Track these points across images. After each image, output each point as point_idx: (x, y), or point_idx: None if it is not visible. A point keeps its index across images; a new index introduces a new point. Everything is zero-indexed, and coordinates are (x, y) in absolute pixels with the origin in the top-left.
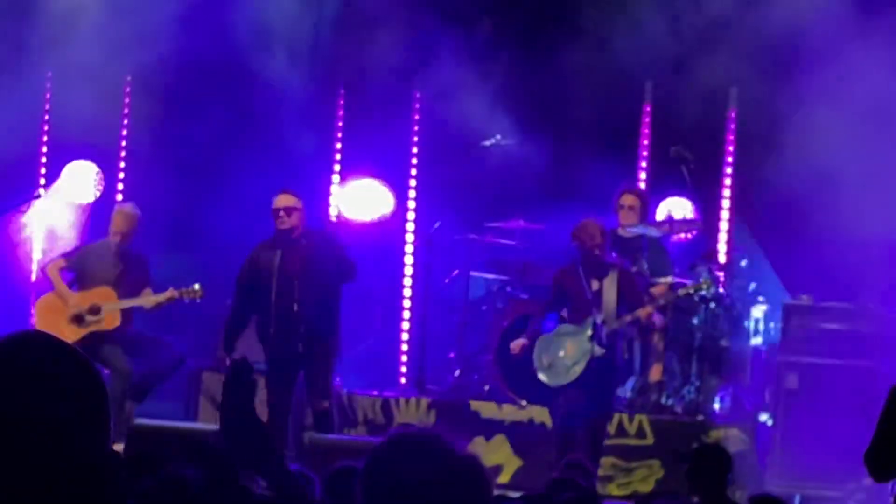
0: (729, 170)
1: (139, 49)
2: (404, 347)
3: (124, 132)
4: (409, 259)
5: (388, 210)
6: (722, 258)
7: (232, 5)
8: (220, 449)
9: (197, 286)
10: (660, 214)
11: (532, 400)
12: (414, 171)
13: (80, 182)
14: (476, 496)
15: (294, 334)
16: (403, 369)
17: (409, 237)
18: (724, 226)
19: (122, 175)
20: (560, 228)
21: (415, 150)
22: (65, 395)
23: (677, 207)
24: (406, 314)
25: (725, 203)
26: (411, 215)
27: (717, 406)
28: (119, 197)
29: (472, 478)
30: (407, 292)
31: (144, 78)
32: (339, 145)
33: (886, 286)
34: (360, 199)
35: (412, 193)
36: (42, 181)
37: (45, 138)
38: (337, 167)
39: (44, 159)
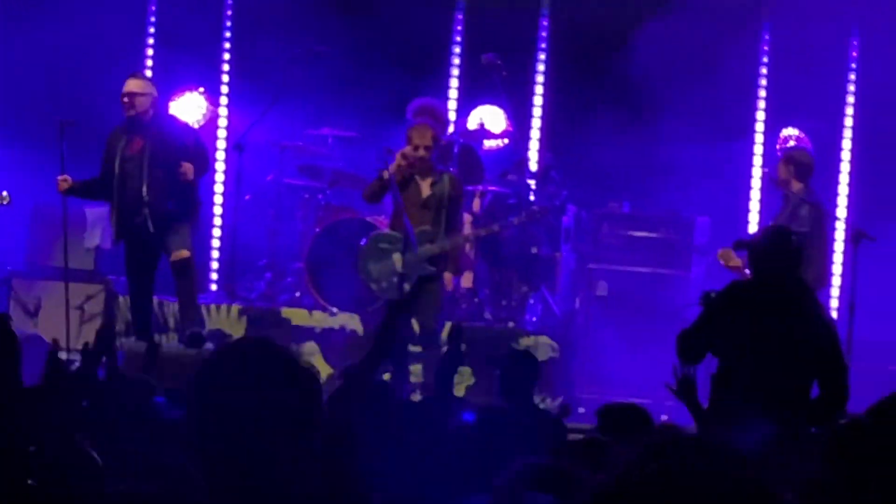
0: (540, 78)
1: None
2: (215, 254)
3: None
4: (220, 166)
5: (204, 117)
6: (533, 166)
7: None
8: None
9: (4, 193)
10: (472, 122)
11: (343, 307)
12: (226, 79)
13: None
14: (307, 398)
15: (140, 216)
16: (214, 276)
17: (221, 144)
18: (535, 134)
19: None
20: (372, 136)
21: (227, 56)
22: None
23: (489, 115)
24: (217, 220)
25: (537, 112)
26: (223, 122)
27: (528, 314)
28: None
29: (304, 380)
30: (218, 199)
31: None
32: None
33: (696, 195)
34: (178, 108)
35: (224, 100)
36: None
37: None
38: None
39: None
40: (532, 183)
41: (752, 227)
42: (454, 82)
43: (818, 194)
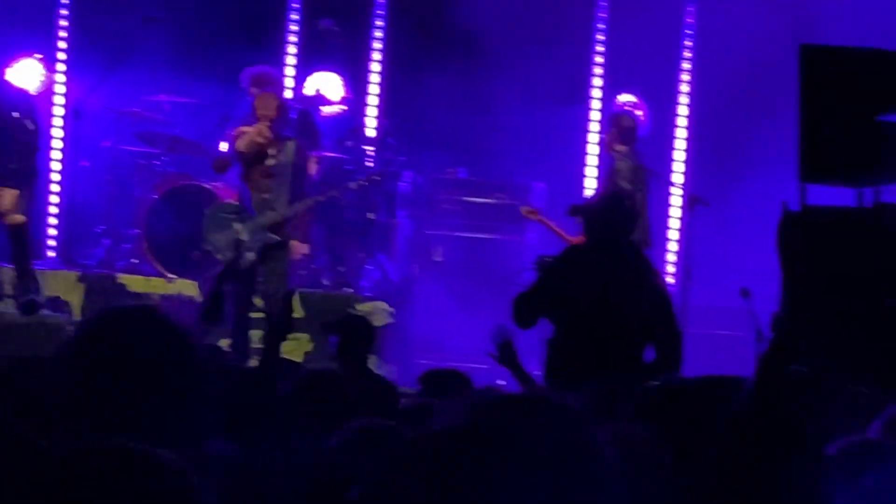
0: (378, 45)
1: None
2: (53, 221)
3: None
4: (57, 132)
5: (41, 84)
6: (371, 133)
7: None
8: None
9: None
10: (309, 89)
11: (180, 273)
12: (64, 45)
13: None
14: (184, 361)
15: None
16: (52, 242)
17: (58, 110)
18: (372, 101)
19: None
20: (209, 103)
21: (64, 23)
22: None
23: (326, 82)
24: (54, 187)
25: (374, 78)
26: (60, 88)
27: (365, 280)
28: None
29: (182, 344)
30: (55, 165)
31: None
32: None
33: (530, 161)
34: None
35: (61, 67)
36: None
37: None
38: None
39: None
40: (369, 149)
41: (589, 193)
42: (291, 49)
43: (643, 156)
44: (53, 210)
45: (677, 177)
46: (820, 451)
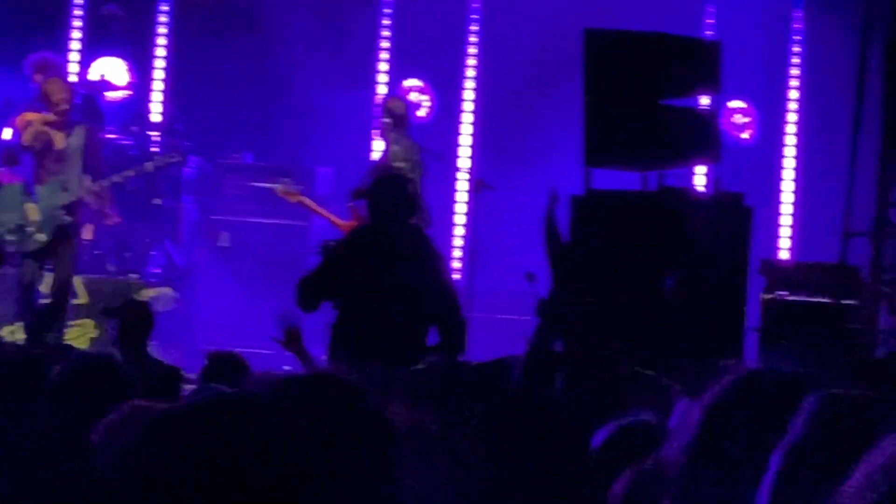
0: (163, 29)
1: None
2: None
3: None
4: None
5: None
6: (157, 118)
7: None
8: None
9: None
10: (93, 74)
11: None
12: None
13: None
14: None
15: None
16: None
17: None
18: (158, 86)
19: None
20: None
21: None
22: None
23: (111, 67)
24: None
25: (160, 63)
26: None
27: (150, 265)
28: None
29: None
30: None
31: None
32: None
33: (317, 146)
34: None
35: None
36: None
37: None
38: None
39: None
40: (154, 134)
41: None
42: (76, 33)
43: (415, 138)
44: None
45: (463, 161)
46: (586, 435)
